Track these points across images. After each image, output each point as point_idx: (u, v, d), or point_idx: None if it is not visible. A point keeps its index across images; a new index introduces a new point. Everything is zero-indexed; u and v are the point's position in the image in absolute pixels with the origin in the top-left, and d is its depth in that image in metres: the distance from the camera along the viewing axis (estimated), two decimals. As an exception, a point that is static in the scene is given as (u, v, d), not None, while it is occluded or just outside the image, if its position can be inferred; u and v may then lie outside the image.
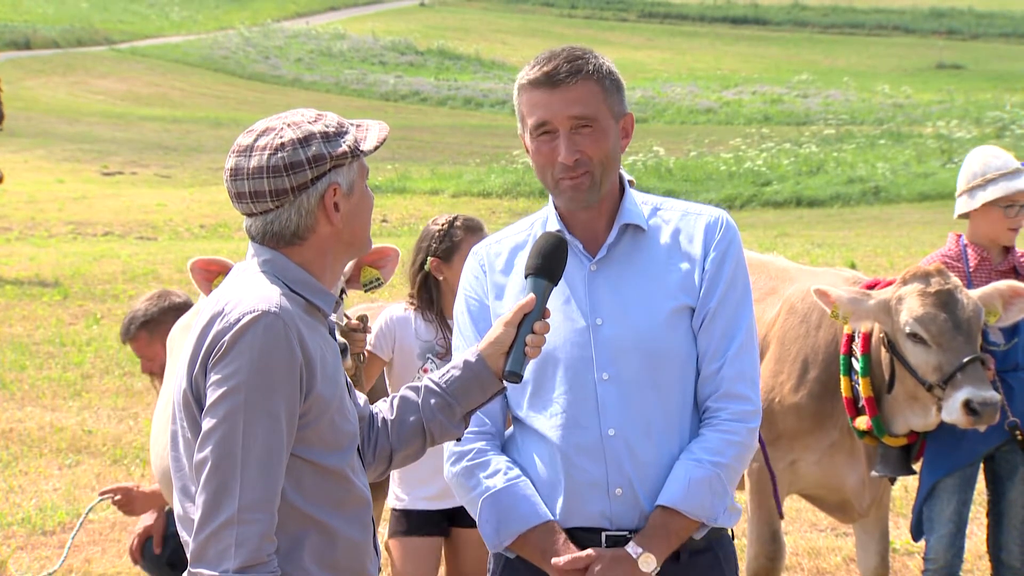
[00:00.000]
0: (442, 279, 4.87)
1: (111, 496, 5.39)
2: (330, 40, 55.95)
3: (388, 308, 5.03)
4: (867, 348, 4.93)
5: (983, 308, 4.77)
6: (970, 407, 4.58)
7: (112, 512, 7.12)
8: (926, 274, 4.80)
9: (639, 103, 41.06)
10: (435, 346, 4.86)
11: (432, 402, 3.07)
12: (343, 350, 4.33)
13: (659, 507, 3.18)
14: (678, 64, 54.37)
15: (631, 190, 3.36)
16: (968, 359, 4.63)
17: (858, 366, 4.93)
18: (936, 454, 5.05)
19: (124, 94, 44.24)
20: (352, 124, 2.94)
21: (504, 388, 3.11)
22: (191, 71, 50.15)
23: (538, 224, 3.36)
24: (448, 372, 3.08)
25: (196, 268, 4.46)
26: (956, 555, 5.11)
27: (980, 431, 4.76)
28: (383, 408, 3.13)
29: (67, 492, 7.73)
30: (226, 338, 2.74)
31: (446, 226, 4.89)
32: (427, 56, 54.08)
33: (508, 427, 3.37)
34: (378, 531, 3.58)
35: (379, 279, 4.66)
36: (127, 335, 5.44)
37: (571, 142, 3.18)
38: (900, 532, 6.54)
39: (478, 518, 3.26)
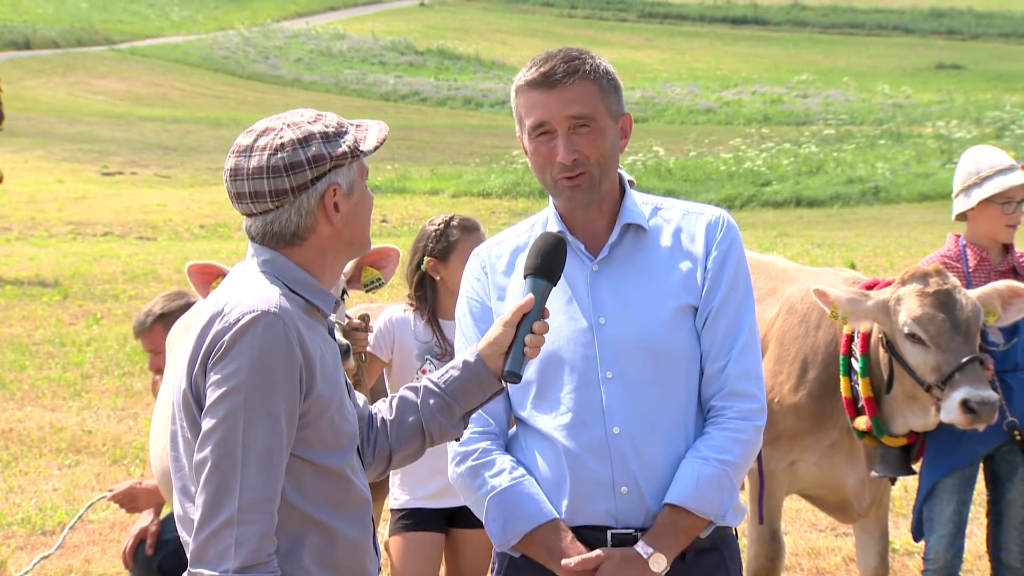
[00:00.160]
0: (439, 279, 4.88)
1: (113, 495, 5.39)
2: (330, 40, 55.95)
3: (388, 309, 5.04)
4: (866, 348, 4.93)
5: (982, 308, 4.77)
6: (968, 407, 4.58)
7: (112, 512, 7.12)
8: (925, 274, 4.80)
9: (639, 103, 41.06)
10: (434, 347, 4.87)
11: (431, 402, 3.07)
12: (345, 351, 4.34)
13: (667, 505, 3.18)
14: (678, 64, 54.37)
15: (631, 190, 3.36)
16: (967, 359, 4.63)
17: (857, 366, 4.93)
18: (936, 454, 5.06)
19: (124, 94, 44.25)
20: (352, 124, 2.94)
21: (503, 388, 3.11)
22: (191, 71, 50.16)
23: (538, 225, 3.37)
24: (447, 372, 3.09)
25: (193, 272, 4.47)
26: (956, 555, 5.11)
27: (979, 431, 4.76)
28: (382, 408, 3.13)
29: (67, 492, 7.74)
30: (226, 338, 2.74)
31: (442, 226, 4.90)
32: (427, 56, 54.09)
33: (511, 427, 3.38)
34: (378, 531, 3.58)
35: (380, 279, 4.68)
36: (142, 327, 5.43)
37: (569, 142, 3.19)
38: (900, 532, 6.54)
39: (484, 517, 3.26)
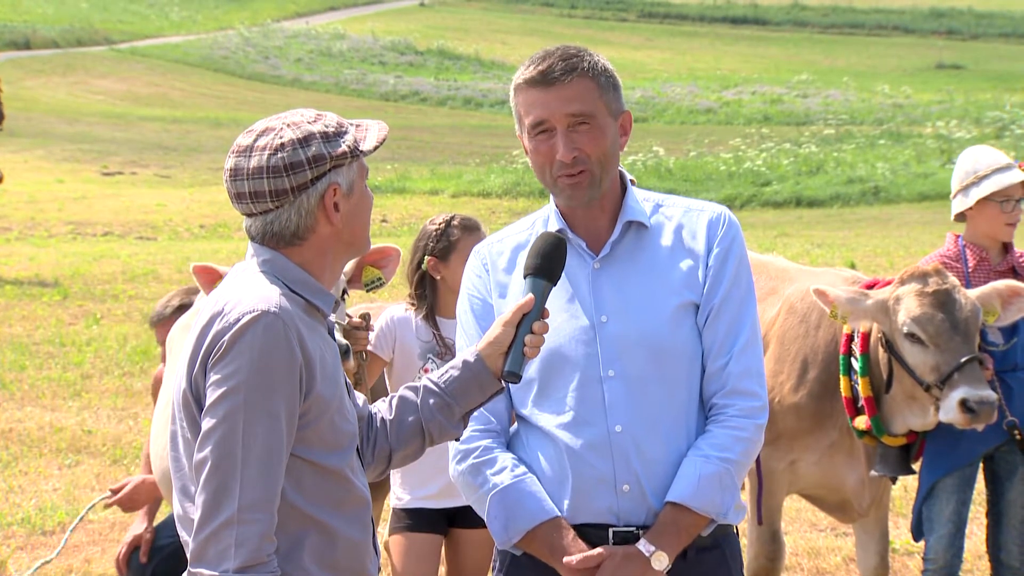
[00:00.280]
0: (439, 278, 4.88)
1: (112, 495, 5.38)
2: (330, 40, 55.95)
3: (389, 308, 5.05)
4: (866, 348, 4.93)
5: (981, 308, 4.77)
6: (967, 406, 4.58)
7: (112, 512, 7.12)
8: (924, 274, 4.80)
9: (639, 103, 41.06)
10: (435, 346, 4.87)
11: (431, 402, 3.07)
12: (345, 351, 4.34)
13: (669, 504, 3.18)
14: (678, 64, 54.37)
15: (632, 188, 3.36)
16: (965, 359, 4.62)
17: (857, 366, 4.94)
18: (935, 454, 5.06)
19: (124, 94, 44.24)
20: (351, 124, 2.94)
21: (503, 388, 3.11)
22: (191, 71, 50.15)
23: (539, 223, 3.36)
24: (447, 372, 3.09)
25: (197, 272, 4.53)
26: (956, 555, 5.11)
27: (978, 431, 4.76)
28: (382, 408, 3.13)
29: (67, 492, 7.73)
30: (226, 338, 2.74)
31: (443, 225, 4.91)
32: (427, 56, 54.08)
33: (512, 424, 3.37)
34: (378, 531, 3.58)
35: (380, 279, 4.68)
36: (160, 318, 5.40)
37: (568, 140, 3.18)
38: (900, 532, 6.54)
39: (486, 515, 3.26)
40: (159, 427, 4.72)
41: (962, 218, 5.27)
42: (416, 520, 4.87)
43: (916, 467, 5.14)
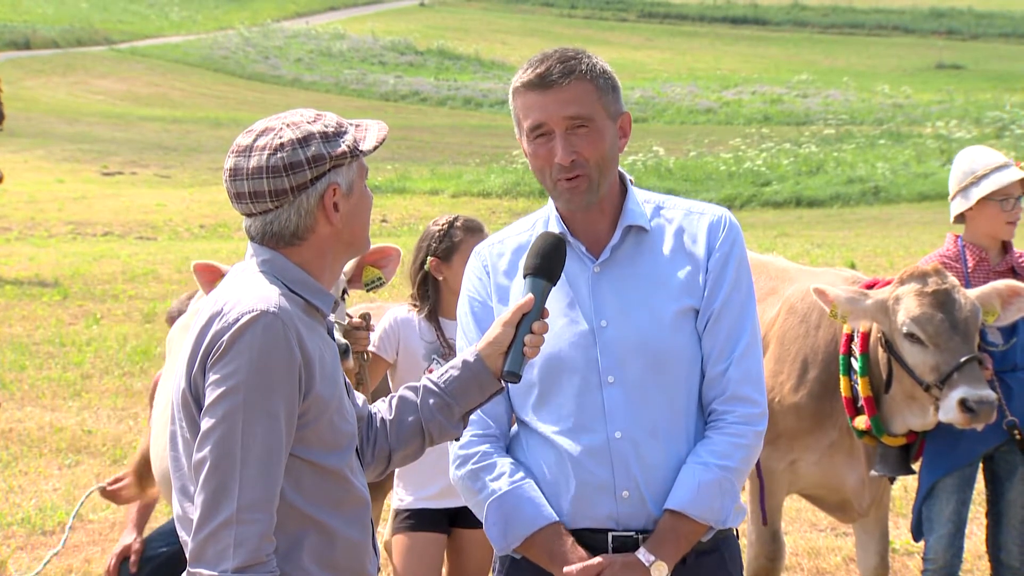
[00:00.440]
0: (441, 279, 4.88)
1: (108, 486, 5.36)
2: (330, 40, 55.96)
3: (392, 310, 5.04)
4: (866, 348, 4.93)
5: (981, 308, 4.77)
6: (966, 406, 4.58)
7: (112, 512, 7.13)
8: (923, 274, 4.80)
9: (639, 103, 41.07)
10: (439, 347, 4.87)
11: (431, 402, 3.07)
12: (345, 350, 4.34)
13: (668, 511, 3.17)
14: (678, 64, 54.38)
15: (633, 188, 3.34)
16: (965, 359, 4.62)
17: (857, 366, 4.93)
18: (935, 454, 5.06)
19: (124, 94, 44.26)
20: (351, 124, 2.94)
21: (503, 388, 3.10)
22: (191, 71, 50.16)
23: (540, 223, 3.34)
24: (447, 372, 3.08)
25: (198, 270, 4.52)
26: (955, 555, 5.11)
27: (978, 431, 4.76)
28: (382, 408, 3.13)
29: (67, 492, 7.73)
30: (225, 338, 2.74)
31: (446, 226, 4.91)
32: (427, 56, 54.10)
33: (512, 425, 3.37)
34: (377, 531, 3.58)
35: (381, 279, 4.68)
36: (179, 315, 5.39)
37: (567, 143, 3.17)
38: (900, 532, 6.54)
39: (485, 522, 3.26)
40: (159, 428, 4.71)
41: (961, 219, 5.26)
42: (419, 520, 4.87)
43: (916, 467, 5.14)
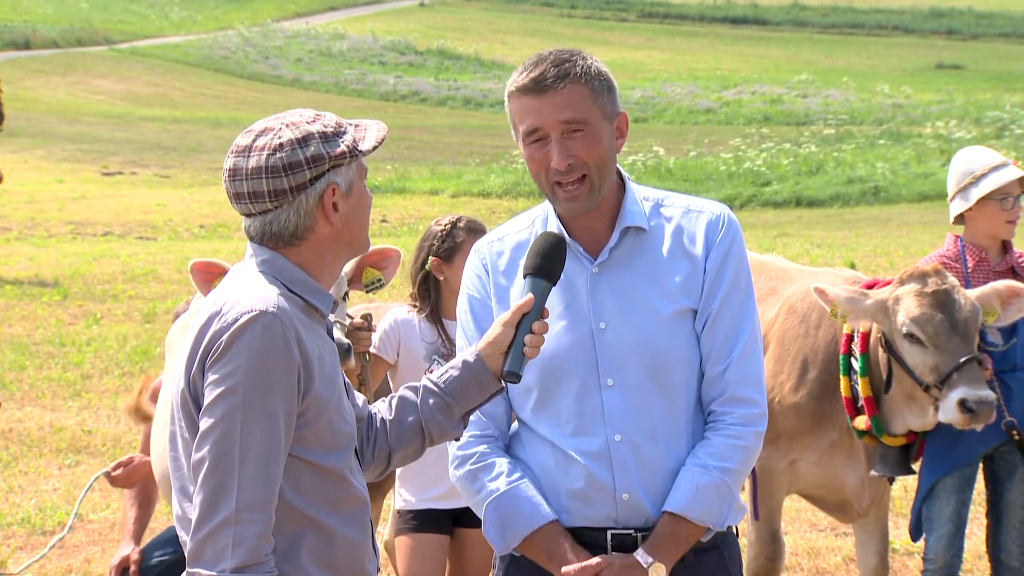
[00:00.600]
0: (442, 279, 4.88)
1: (112, 470, 5.34)
2: (330, 40, 55.95)
3: (392, 310, 5.03)
4: (866, 348, 4.93)
5: (980, 308, 4.77)
6: (966, 406, 4.57)
7: (112, 512, 7.13)
8: (923, 274, 4.80)
9: (639, 103, 41.07)
10: (440, 347, 4.87)
11: (431, 402, 3.07)
12: (346, 350, 4.34)
13: (667, 513, 3.17)
14: (678, 64, 54.37)
15: (632, 185, 3.32)
16: (965, 359, 4.62)
17: (857, 366, 4.93)
18: (935, 454, 5.05)
19: (124, 94, 44.25)
20: (350, 124, 2.93)
21: (503, 388, 3.10)
22: (191, 71, 50.16)
23: (539, 222, 3.33)
24: (447, 372, 3.08)
25: (195, 270, 4.49)
26: (955, 555, 5.11)
27: (978, 431, 4.76)
28: (382, 408, 3.13)
29: (67, 492, 7.73)
30: (224, 338, 2.74)
31: (449, 227, 4.91)
32: (427, 56, 54.09)
33: (512, 423, 3.37)
34: (377, 531, 3.58)
35: (380, 280, 4.68)
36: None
37: (563, 147, 3.15)
38: (900, 532, 6.54)
39: (483, 522, 3.26)
40: (159, 428, 4.71)
41: (960, 220, 5.26)
42: (422, 521, 4.87)
43: (916, 467, 5.14)
